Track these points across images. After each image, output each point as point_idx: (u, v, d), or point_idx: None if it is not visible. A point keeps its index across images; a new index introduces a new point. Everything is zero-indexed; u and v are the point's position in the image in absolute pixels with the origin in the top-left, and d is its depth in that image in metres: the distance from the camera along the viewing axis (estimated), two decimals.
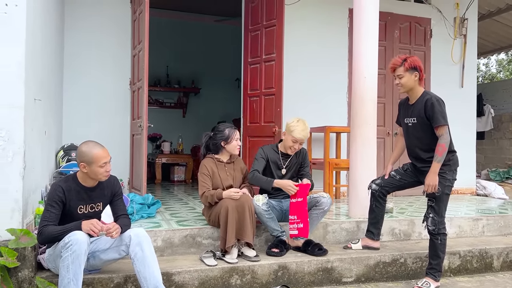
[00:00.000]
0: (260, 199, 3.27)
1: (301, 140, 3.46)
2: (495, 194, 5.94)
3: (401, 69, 3.08)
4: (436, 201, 3.05)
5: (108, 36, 5.06)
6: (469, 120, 6.29)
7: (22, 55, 2.71)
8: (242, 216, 3.12)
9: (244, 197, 3.20)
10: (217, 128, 3.46)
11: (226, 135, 3.40)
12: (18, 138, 2.69)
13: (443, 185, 3.03)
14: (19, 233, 2.60)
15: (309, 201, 3.40)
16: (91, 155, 2.54)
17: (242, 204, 3.14)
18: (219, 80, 8.87)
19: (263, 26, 4.99)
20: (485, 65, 19.73)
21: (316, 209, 3.38)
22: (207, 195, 3.26)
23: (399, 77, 3.11)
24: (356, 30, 4.00)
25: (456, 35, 6.18)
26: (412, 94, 3.15)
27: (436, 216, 3.06)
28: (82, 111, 4.93)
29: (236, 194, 3.18)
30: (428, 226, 3.09)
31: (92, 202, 2.67)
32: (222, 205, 3.13)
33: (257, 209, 3.24)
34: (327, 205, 3.37)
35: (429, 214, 3.09)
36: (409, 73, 3.07)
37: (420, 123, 3.09)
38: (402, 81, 3.10)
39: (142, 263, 2.53)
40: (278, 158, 3.57)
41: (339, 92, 5.62)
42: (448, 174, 3.07)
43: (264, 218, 3.29)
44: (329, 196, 3.43)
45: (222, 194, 3.22)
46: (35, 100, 3.08)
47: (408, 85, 3.10)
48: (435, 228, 3.06)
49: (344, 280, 3.28)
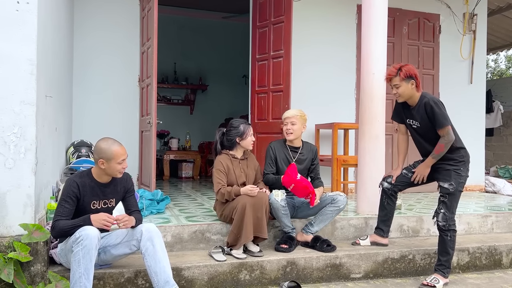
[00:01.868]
0: (279, 194, 3.28)
1: (289, 117, 3.55)
2: (504, 191, 5.91)
3: (397, 79, 3.11)
4: (448, 197, 3.07)
5: (117, 33, 5.09)
6: (478, 116, 6.26)
7: (33, 53, 2.74)
8: (259, 214, 3.14)
9: (261, 194, 3.22)
10: (231, 124, 3.45)
11: (241, 131, 3.40)
12: (30, 134, 2.72)
13: (457, 181, 3.07)
14: (32, 228, 2.64)
15: (324, 199, 3.42)
16: (110, 152, 2.58)
17: (259, 201, 3.16)
18: (227, 77, 8.89)
19: (271, 23, 4.99)
20: (494, 61, 19.54)
21: (331, 206, 3.39)
22: (224, 192, 3.27)
23: (395, 87, 3.14)
24: (364, 26, 3.99)
25: (465, 31, 6.13)
26: (410, 100, 3.19)
27: (447, 212, 3.07)
28: (92, 108, 4.97)
29: (253, 190, 3.19)
30: (439, 222, 3.10)
31: (106, 198, 2.70)
32: (239, 202, 3.14)
33: (275, 204, 3.25)
34: (343, 203, 3.39)
35: (440, 210, 3.10)
36: (406, 82, 3.10)
37: (425, 125, 3.14)
38: (399, 90, 3.13)
39: (153, 258, 2.56)
40: (287, 152, 3.59)
41: (347, 88, 5.61)
42: (462, 171, 3.10)
43: (280, 214, 3.30)
44: (345, 196, 3.46)
45: (239, 191, 3.23)
46: (46, 97, 3.12)
47: (406, 94, 3.13)
48: (446, 224, 3.07)
49: (353, 276, 3.29)
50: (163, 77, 8.46)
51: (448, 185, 3.07)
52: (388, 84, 3.25)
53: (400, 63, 3.23)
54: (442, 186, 3.10)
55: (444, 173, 3.11)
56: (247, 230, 3.07)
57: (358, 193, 4.08)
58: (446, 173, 3.10)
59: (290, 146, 3.62)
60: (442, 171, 3.13)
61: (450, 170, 3.10)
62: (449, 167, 3.10)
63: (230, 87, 8.85)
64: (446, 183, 3.08)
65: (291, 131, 3.55)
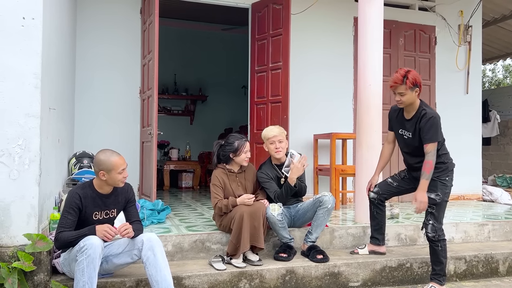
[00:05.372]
0: (276, 209, 3.32)
1: (276, 136, 3.52)
2: (501, 200, 5.96)
3: (403, 87, 3.01)
4: (436, 207, 3.08)
5: (119, 46, 5.18)
6: (474, 126, 6.33)
7: (38, 66, 2.82)
8: (256, 223, 3.19)
9: (258, 204, 3.28)
10: (227, 139, 3.48)
11: (235, 147, 3.42)
12: (34, 146, 2.79)
13: (443, 192, 3.07)
14: (35, 238, 2.69)
15: (313, 203, 3.47)
16: (110, 163, 2.64)
17: (256, 210, 3.22)
18: (226, 88, 8.98)
19: (270, 35, 5.08)
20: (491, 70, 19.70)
21: (320, 209, 3.42)
22: (220, 206, 3.33)
23: (400, 95, 3.05)
24: (361, 39, 4.07)
25: (460, 42, 6.23)
26: (411, 109, 3.12)
27: (436, 222, 3.08)
28: (93, 120, 5.04)
29: (249, 200, 3.26)
30: (428, 233, 3.10)
31: (107, 208, 2.76)
32: (237, 212, 3.20)
33: (272, 219, 3.30)
34: (329, 203, 3.40)
35: (428, 221, 3.10)
36: (411, 91, 3.02)
37: (417, 137, 3.09)
38: (403, 98, 3.05)
39: (154, 267, 2.61)
40: (276, 171, 3.61)
41: (345, 99, 5.69)
42: (448, 180, 3.10)
43: (278, 227, 3.35)
44: (330, 194, 3.46)
45: (236, 201, 3.30)
46: (50, 109, 3.19)
47: (410, 102, 3.08)
48: (435, 234, 3.08)
49: (351, 284, 3.33)
50: (163, 88, 8.55)
51: (434, 195, 3.05)
52: (391, 90, 3.13)
53: (405, 69, 3.11)
54: (429, 197, 3.04)
55: (430, 183, 3.03)
56: (245, 239, 3.12)
57: (356, 202, 4.13)
58: (432, 184, 3.04)
59: (277, 165, 3.63)
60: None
61: (436, 181, 3.05)
62: (434, 178, 3.04)
63: (230, 98, 8.94)
64: (432, 194, 3.05)
65: (281, 149, 3.55)
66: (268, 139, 3.56)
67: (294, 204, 3.63)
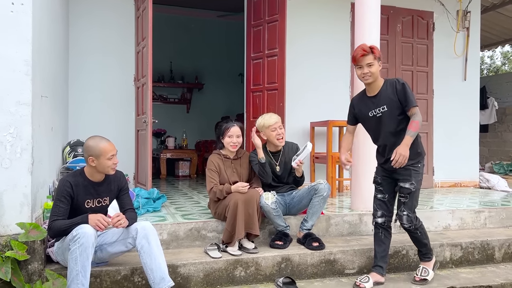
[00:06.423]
0: (269, 197, 3.31)
1: (277, 122, 3.52)
2: (498, 187, 5.96)
3: (371, 57, 2.92)
4: (409, 197, 2.98)
5: (112, 32, 5.11)
6: (472, 113, 6.31)
7: (29, 54, 2.77)
8: (251, 210, 3.18)
9: (252, 191, 3.27)
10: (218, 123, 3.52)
11: (221, 130, 3.45)
12: (26, 134, 2.75)
13: (417, 180, 2.97)
14: (29, 227, 2.67)
15: (308, 190, 3.46)
16: (99, 149, 2.62)
17: (250, 198, 3.21)
18: (223, 75, 8.92)
19: (266, 22, 5.02)
20: (490, 57, 19.62)
21: (316, 197, 3.41)
22: (216, 190, 3.32)
23: (368, 65, 2.91)
24: (357, 24, 4.01)
25: (459, 28, 6.17)
26: (375, 85, 2.99)
27: (410, 212, 3.00)
28: (88, 108, 4.99)
29: (244, 188, 3.24)
30: (404, 224, 3.02)
31: (99, 196, 2.73)
32: (231, 199, 3.19)
33: (266, 208, 3.29)
34: (325, 191, 3.39)
35: (402, 212, 3.01)
36: (377, 62, 2.94)
37: (391, 108, 2.94)
38: (372, 69, 2.91)
39: (149, 255, 2.60)
40: (270, 157, 3.60)
41: (341, 86, 5.65)
42: (420, 168, 3.01)
43: (272, 216, 3.35)
44: (326, 182, 3.44)
45: (230, 188, 3.28)
46: (42, 97, 3.14)
47: (376, 74, 2.94)
48: (411, 225, 3.01)
49: (347, 272, 3.33)
50: (159, 76, 8.48)
51: (409, 184, 2.95)
52: (355, 65, 2.97)
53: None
54: (402, 187, 2.96)
55: (403, 173, 2.96)
56: (240, 227, 3.12)
57: (352, 189, 4.12)
58: (405, 173, 2.96)
59: (272, 152, 3.61)
60: (400, 171, 2.96)
61: (409, 169, 2.95)
62: (407, 166, 2.91)
63: (226, 86, 8.88)
64: (407, 183, 2.96)
65: (282, 135, 3.54)
66: (269, 126, 3.52)
67: (288, 191, 3.62)
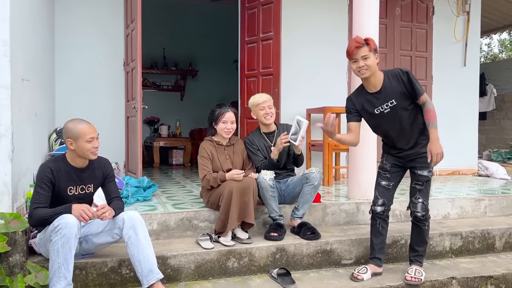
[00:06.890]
0: (268, 174, 3.22)
1: (266, 101, 3.45)
2: (497, 175, 5.86)
3: (366, 49, 2.74)
4: (426, 184, 2.87)
5: (101, 11, 4.90)
6: (471, 99, 6.18)
7: (7, 34, 2.61)
8: (247, 198, 3.06)
9: (248, 179, 3.14)
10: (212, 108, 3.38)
11: (215, 115, 3.33)
12: (4, 119, 2.61)
13: (431, 166, 2.84)
14: (9, 217, 2.54)
15: (300, 178, 3.35)
16: (77, 130, 2.49)
17: (246, 186, 3.08)
18: (217, 62, 8.71)
19: (260, 3, 4.85)
20: (487, 45, 19.48)
21: (307, 185, 3.30)
22: (209, 178, 3.19)
23: (363, 58, 2.73)
24: (356, 8, 3.87)
25: (459, 12, 6.02)
26: (375, 80, 2.80)
27: (425, 200, 2.88)
28: (76, 93, 4.82)
29: (239, 175, 3.11)
30: (417, 213, 2.89)
31: (83, 183, 2.60)
32: (226, 187, 3.06)
33: (263, 184, 3.18)
34: (316, 180, 3.27)
35: (418, 200, 2.88)
36: (373, 54, 2.76)
37: (401, 100, 2.78)
38: (368, 62, 2.73)
39: (136, 246, 2.47)
40: (265, 139, 3.52)
41: (338, 72, 5.50)
42: None
43: (268, 195, 3.22)
44: (318, 171, 3.32)
45: (225, 176, 3.15)
46: (23, 80, 2.98)
47: (373, 67, 2.76)
48: (425, 213, 2.89)
49: (344, 262, 3.22)
50: (152, 62, 8.27)
51: (427, 172, 2.83)
52: (350, 59, 2.80)
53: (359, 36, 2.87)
54: (421, 175, 2.84)
55: (419, 160, 2.83)
56: (234, 216, 2.99)
57: (349, 178, 4.00)
58: (421, 160, 2.82)
59: (265, 133, 3.53)
60: (417, 158, 2.84)
61: (424, 156, 2.80)
62: (423, 152, 2.80)
63: (221, 73, 8.69)
64: (425, 171, 2.83)
65: (271, 114, 3.46)
66: (258, 105, 3.44)
67: (284, 178, 3.50)
